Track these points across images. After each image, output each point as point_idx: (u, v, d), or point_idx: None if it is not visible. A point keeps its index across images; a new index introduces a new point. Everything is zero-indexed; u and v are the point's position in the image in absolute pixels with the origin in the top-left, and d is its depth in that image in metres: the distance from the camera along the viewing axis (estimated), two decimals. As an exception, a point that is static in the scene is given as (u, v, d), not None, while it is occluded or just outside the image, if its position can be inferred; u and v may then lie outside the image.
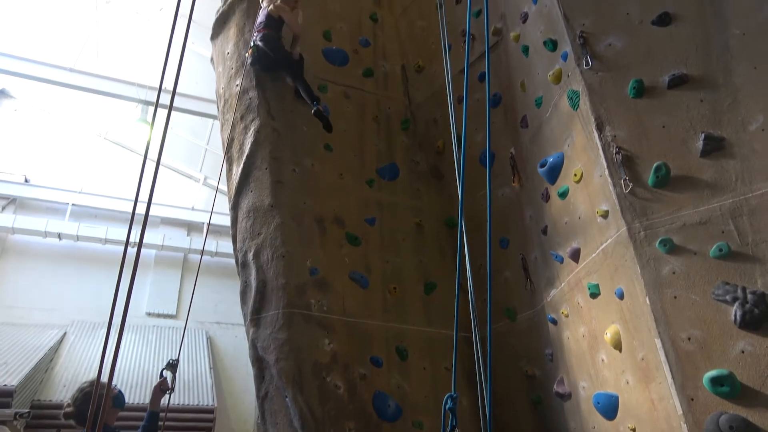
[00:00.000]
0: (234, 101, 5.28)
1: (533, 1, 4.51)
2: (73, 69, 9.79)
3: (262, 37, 5.17)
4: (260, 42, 5.15)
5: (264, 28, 5.22)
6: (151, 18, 10.26)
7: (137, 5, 10.29)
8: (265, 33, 5.19)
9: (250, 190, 4.96)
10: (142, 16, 10.35)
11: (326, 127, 5.12)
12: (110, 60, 10.74)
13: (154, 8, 10.15)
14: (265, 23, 5.23)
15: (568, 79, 4.00)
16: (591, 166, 3.74)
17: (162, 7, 9.98)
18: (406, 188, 5.55)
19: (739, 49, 3.42)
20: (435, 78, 5.85)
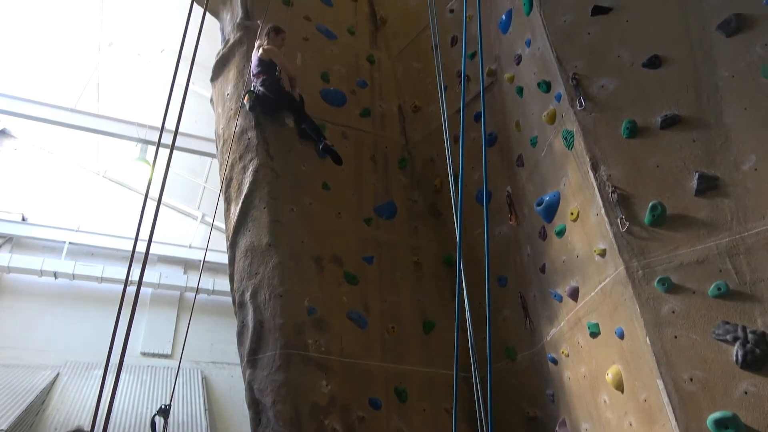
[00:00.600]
0: (233, 141, 5.34)
1: (526, 43, 4.62)
2: (74, 109, 9.92)
3: (262, 83, 5.27)
4: (260, 87, 5.25)
5: (260, 74, 5.33)
6: (152, 59, 10.46)
7: (139, 47, 10.49)
8: (263, 78, 5.30)
9: (248, 230, 4.97)
10: (143, 58, 10.55)
11: (336, 160, 5.21)
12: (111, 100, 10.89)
13: (155, 50, 10.35)
14: (259, 69, 5.35)
15: (563, 120, 4.07)
16: (587, 204, 3.77)
17: (163, 49, 10.19)
18: (404, 226, 5.57)
19: (728, 90, 3.49)
20: (431, 118, 5.94)
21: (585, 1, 4.14)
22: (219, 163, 5.76)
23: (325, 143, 5.14)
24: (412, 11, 6.44)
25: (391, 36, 6.71)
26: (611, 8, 4.04)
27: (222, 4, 6.69)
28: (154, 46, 10.37)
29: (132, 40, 10.48)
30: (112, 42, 10.53)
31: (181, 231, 12.18)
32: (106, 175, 12.33)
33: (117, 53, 10.64)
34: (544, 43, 4.25)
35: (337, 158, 5.19)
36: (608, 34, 4.00)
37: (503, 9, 4.99)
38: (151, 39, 10.31)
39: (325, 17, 6.46)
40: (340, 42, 6.39)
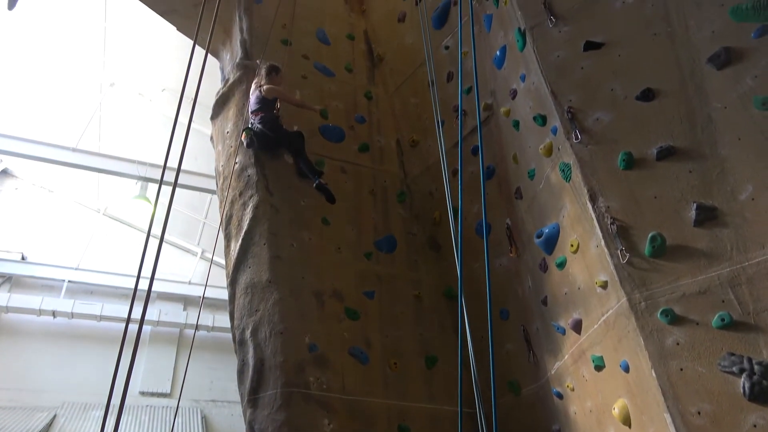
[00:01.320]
0: (233, 178, 5.37)
1: (521, 78, 4.70)
2: (75, 148, 10.01)
3: (261, 120, 5.34)
4: (259, 125, 5.31)
5: (258, 111, 5.41)
6: (153, 99, 10.61)
7: (140, 87, 10.66)
8: (262, 116, 5.37)
9: (248, 266, 4.96)
10: (144, 97, 10.70)
11: (329, 199, 5.24)
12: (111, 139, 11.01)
13: (156, 89, 10.51)
14: (258, 107, 5.43)
15: (559, 152, 4.11)
16: (587, 236, 3.77)
17: (164, 89, 10.34)
18: (404, 260, 5.56)
19: (722, 121, 3.54)
20: (429, 152, 6.00)
21: (577, 37, 4.23)
22: (219, 200, 5.78)
23: (318, 182, 5.19)
24: (409, 48, 6.58)
25: (388, 73, 6.83)
26: (603, 43, 4.13)
27: (222, 45, 6.83)
28: (155, 86, 10.54)
29: (133, 80, 10.65)
30: (114, 82, 10.70)
31: (180, 267, 12.14)
32: (106, 213, 12.36)
33: (118, 93, 10.80)
34: (539, 77, 4.33)
35: (330, 197, 5.23)
36: (601, 69, 4.07)
37: (497, 45, 5.10)
38: (152, 79, 10.48)
39: (323, 55, 6.59)
40: (338, 79, 6.50)
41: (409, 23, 6.62)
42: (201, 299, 8.32)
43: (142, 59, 10.34)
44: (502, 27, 5.01)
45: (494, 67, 5.20)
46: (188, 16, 6.74)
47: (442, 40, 6.05)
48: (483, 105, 5.31)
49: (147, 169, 10.21)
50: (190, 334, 11.27)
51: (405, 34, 6.68)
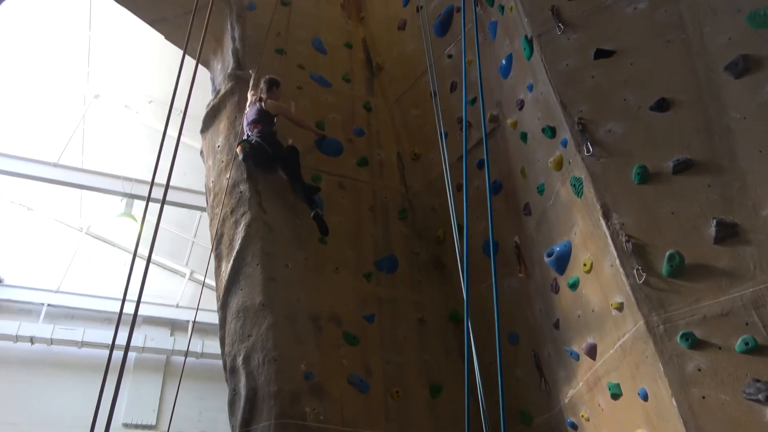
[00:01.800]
0: (224, 195, 5.39)
1: (528, 88, 4.74)
2: (57, 164, 10.04)
3: (259, 133, 5.38)
4: (258, 138, 5.35)
5: (257, 124, 5.45)
6: (140, 111, 10.68)
7: (126, 98, 10.74)
8: (260, 128, 5.41)
9: (240, 289, 4.95)
10: (130, 109, 10.78)
11: (322, 232, 5.26)
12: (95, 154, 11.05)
13: (143, 101, 10.58)
14: (257, 119, 5.47)
15: (570, 166, 4.12)
16: (600, 255, 3.78)
17: (151, 100, 10.41)
18: (407, 281, 5.56)
19: (741, 132, 3.56)
20: (432, 166, 6.02)
21: (587, 45, 4.28)
22: (209, 218, 5.80)
23: (316, 212, 5.25)
24: (409, 57, 6.64)
25: (387, 82, 6.88)
26: (614, 51, 4.17)
27: (213, 54, 6.89)
28: (141, 98, 10.61)
29: (119, 91, 10.73)
30: (99, 94, 10.78)
31: (167, 289, 12.10)
32: (88, 232, 12.36)
33: (103, 105, 10.88)
34: (547, 87, 4.37)
35: (324, 230, 5.26)
36: (613, 78, 4.11)
37: (503, 53, 5.15)
38: (139, 90, 10.55)
39: (319, 65, 6.65)
40: (336, 90, 6.55)
41: (410, 31, 6.69)
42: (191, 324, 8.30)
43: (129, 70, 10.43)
44: (508, 34, 5.06)
45: (500, 77, 5.25)
46: (178, 24, 6.82)
47: (444, 48, 6.11)
48: (488, 116, 5.34)
49: (133, 185, 10.23)
50: (177, 361, 11.19)
51: (406, 43, 6.74)
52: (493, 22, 5.37)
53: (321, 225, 5.26)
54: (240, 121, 5.72)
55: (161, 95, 10.30)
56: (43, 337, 10.48)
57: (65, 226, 12.31)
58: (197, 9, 3.38)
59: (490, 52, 5.41)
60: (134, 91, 10.65)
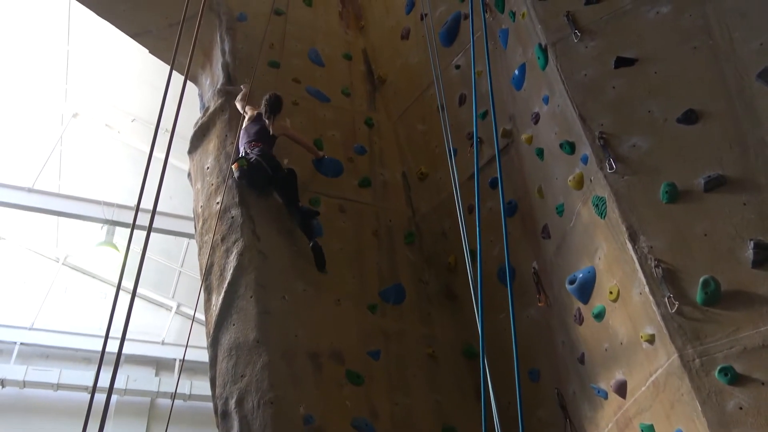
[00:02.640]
0: (214, 221, 5.42)
1: (544, 100, 4.78)
2: (32, 189, 10.12)
3: (259, 152, 5.45)
4: (257, 156, 5.42)
5: (258, 142, 5.52)
6: (121, 130, 10.79)
7: (107, 117, 10.85)
8: (261, 148, 5.49)
9: (232, 324, 4.95)
10: (112, 129, 10.89)
11: (319, 265, 5.28)
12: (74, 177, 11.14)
13: (125, 120, 10.70)
14: (258, 138, 5.55)
15: (591, 185, 4.14)
16: (628, 281, 3.77)
17: (134, 119, 10.53)
18: (415, 313, 5.54)
19: (778, 145, 3.58)
20: (441, 186, 6.05)
21: (606, 53, 4.33)
22: (198, 247, 5.81)
23: (314, 242, 5.30)
24: (414, 68, 6.71)
25: (391, 96, 6.95)
26: (636, 59, 4.21)
27: (201, 68, 6.98)
28: (123, 116, 10.73)
29: (99, 109, 10.86)
30: (77, 112, 10.91)
31: (152, 324, 12.09)
32: (66, 263, 12.40)
33: (82, 125, 11.00)
34: (564, 99, 4.41)
35: (321, 264, 5.29)
36: (635, 88, 4.15)
37: (515, 63, 5.20)
38: (121, 108, 10.67)
39: (316, 78, 6.72)
40: (334, 105, 6.61)
41: (414, 40, 6.77)
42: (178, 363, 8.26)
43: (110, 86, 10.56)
44: (520, 43, 5.12)
45: (513, 89, 5.30)
46: (163, 37, 6.92)
47: (452, 58, 6.18)
48: (501, 131, 5.38)
49: (114, 211, 10.29)
50: (162, 404, 11.13)
51: (409, 53, 6.82)
52: (504, 30, 5.44)
53: (318, 258, 5.29)
54: (231, 140, 5.77)
55: (145, 113, 10.42)
56: (15, 380, 10.44)
57: (40, 257, 12.36)
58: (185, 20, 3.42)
59: (502, 62, 5.47)
60: (116, 109, 10.77)
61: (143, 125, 10.55)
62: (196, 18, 3.33)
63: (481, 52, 4.98)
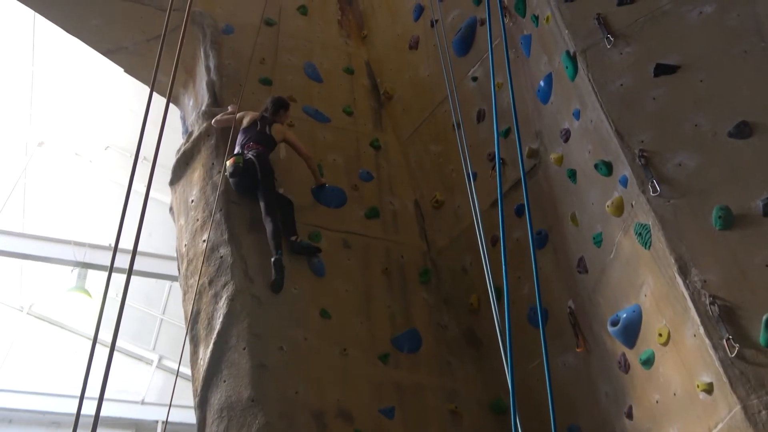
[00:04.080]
0: (200, 261, 5.45)
1: (574, 114, 4.82)
2: (-8, 230, 10.21)
3: (256, 153, 5.67)
4: (253, 156, 5.63)
5: (258, 144, 5.75)
6: (93, 160, 10.91)
7: (77, 145, 10.98)
8: (260, 149, 5.71)
9: (223, 380, 4.94)
10: (82, 158, 11.01)
11: (275, 285, 5.30)
12: (39, 214, 11.23)
13: (97, 148, 10.82)
14: (258, 140, 5.76)
15: (633, 210, 4.15)
16: (679, 322, 3.75)
17: (108, 146, 10.65)
18: (433, 363, 5.52)
19: None
20: (459, 215, 6.06)
21: (644, 60, 4.37)
22: (182, 291, 5.84)
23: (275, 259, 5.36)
24: (425, 82, 6.79)
25: (399, 114, 7.02)
26: (678, 66, 4.25)
27: (183, 88, 7.09)
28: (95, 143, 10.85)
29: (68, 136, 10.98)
30: (43, 141, 11.04)
31: (130, 381, 12.04)
32: (31, 312, 12.43)
33: (49, 153, 11.12)
34: (598, 113, 4.44)
35: (277, 282, 5.32)
36: (679, 99, 4.18)
37: (541, 74, 5.26)
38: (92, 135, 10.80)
39: (313, 96, 6.81)
40: (335, 125, 6.69)
41: (424, 50, 6.86)
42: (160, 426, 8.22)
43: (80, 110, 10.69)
44: (545, 50, 5.18)
45: (538, 102, 5.34)
46: (140, 54, 7.06)
47: (468, 69, 6.25)
48: (527, 151, 5.41)
49: (86, 251, 10.35)
50: (143, 476, 11.04)
51: (419, 65, 6.91)
52: (526, 36, 5.50)
53: (278, 277, 5.31)
54: (219, 168, 5.83)
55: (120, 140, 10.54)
56: (-28, 450, 10.40)
57: (1, 305, 12.39)
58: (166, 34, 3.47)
59: (525, 73, 5.52)
60: (86, 136, 10.90)
61: (118, 153, 10.67)
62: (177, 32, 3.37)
63: (501, 61, 5.05)
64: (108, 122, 10.58)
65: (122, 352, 12.29)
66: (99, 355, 2.64)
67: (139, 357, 12.47)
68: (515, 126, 3.89)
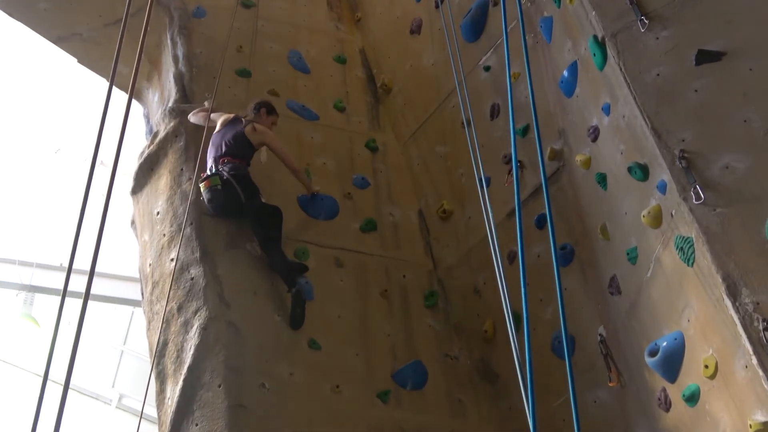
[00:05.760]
0: (168, 284, 5.43)
1: (604, 109, 4.83)
2: None
3: (232, 170, 5.56)
4: (230, 176, 5.53)
5: (231, 158, 5.63)
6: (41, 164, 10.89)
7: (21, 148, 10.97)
8: (234, 165, 5.60)
9: (195, 423, 4.93)
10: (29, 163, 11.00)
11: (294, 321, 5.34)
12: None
13: (47, 151, 10.82)
14: (230, 150, 5.65)
15: (673, 221, 4.15)
16: (729, 351, 3.75)
17: (59, 149, 10.65)
18: (441, 400, 5.51)
19: None
20: (470, 227, 6.06)
21: (684, 45, 4.38)
22: (146, 319, 5.83)
23: (295, 291, 5.36)
24: (429, 73, 6.80)
25: (399, 110, 7.02)
26: (724, 53, 4.26)
27: (146, 80, 7.10)
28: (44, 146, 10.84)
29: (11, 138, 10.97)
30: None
31: (86, 423, 12.02)
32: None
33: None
34: (631, 108, 4.45)
35: (297, 318, 5.35)
36: (725, 90, 4.19)
37: (564, 63, 5.27)
38: (41, 135, 10.79)
39: (299, 89, 6.83)
40: (325, 123, 6.70)
41: (428, 35, 6.87)
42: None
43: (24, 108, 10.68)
44: (569, 35, 5.19)
45: (561, 94, 5.35)
46: (96, 41, 7.07)
47: (479, 57, 6.26)
48: (549, 152, 5.42)
49: (34, 272, 10.33)
50: None
51: (422, 52, 6.92)
52: (546, 19, 5.52)
53: (296, 310, 5.34)
54: (189, 175, 5.81)
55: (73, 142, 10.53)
56: None
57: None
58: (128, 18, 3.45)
59: (546, 61, 5.54)
60: (34, 137, 10.89)
61: (71, 158, 10.66)
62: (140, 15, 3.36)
63: (517, 48, 5.07)
64: (58, 121, 10.57)
65: (77, 391, 12.27)
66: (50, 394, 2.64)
67: (96, 396, 12.44)
68: (534, 123, 3.89)
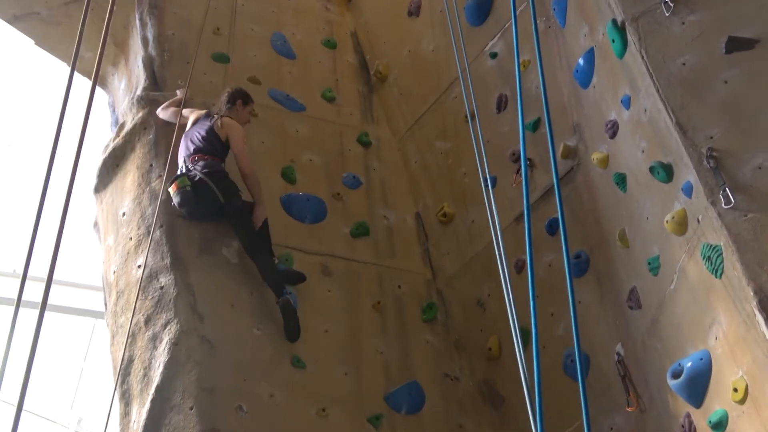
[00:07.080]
0: (134, 294, 5.42)
1: (623, 102, 4.84)
2: None
3: (205, 167, 5.56)
4: (204, 175, 5.52)
5: (204, 154, 5.63)
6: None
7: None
8: (207, 161, 5.60)
9: (164, 450, 4.93)
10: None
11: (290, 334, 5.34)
12: None
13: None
14: (203, 146, 5.65)
15: (700, 227, 4.16)
16: (761, 373, 3.76)
17: (10, 143, 10.64)
18: (440, 426, 5.51)
19: None
20: (474, 232, 6.07)
21: (713, 31, 4.39)
22: (110, 332, 5.81)
23: (285, 299, 5.35)
24: (429, 60, 6.81)
25: (396, 100, 7.02)
26: (757, 40, 4.27)
27: (112, 65, 7.09)
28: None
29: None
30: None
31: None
32: None
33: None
34: (654, 100, 4.46)
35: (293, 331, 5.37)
36: (758, 82, 4.20)
37: (579, 49, 5.29)
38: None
39: (284, 77, 6.83)
40: (312, 115, 6.71)
41: (428, 17, 6.87)
42: None
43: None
44: (586, 19, 5.21)
45: (576, 85, 5.36)
46: (56, 22, 7.05)
47: (485, 43, 6.28)
48: (562, 149, 5.43)
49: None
50: None
51: (421, 36, 6.92)
52: (560, 1, 5.53)
53: (290, 323, 5.35)
54: (160, 172, 5.80)
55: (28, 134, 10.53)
56: None
57: None
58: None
59: (559, 48, 5.55)
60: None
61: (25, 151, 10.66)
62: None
63: (527, 32, 5.09)
64: (11, 111, 10.57)
65: (31, 413, 12.25)
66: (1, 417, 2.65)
67: (52, 420, 12.41)
68: (546, 117, 3.90)
